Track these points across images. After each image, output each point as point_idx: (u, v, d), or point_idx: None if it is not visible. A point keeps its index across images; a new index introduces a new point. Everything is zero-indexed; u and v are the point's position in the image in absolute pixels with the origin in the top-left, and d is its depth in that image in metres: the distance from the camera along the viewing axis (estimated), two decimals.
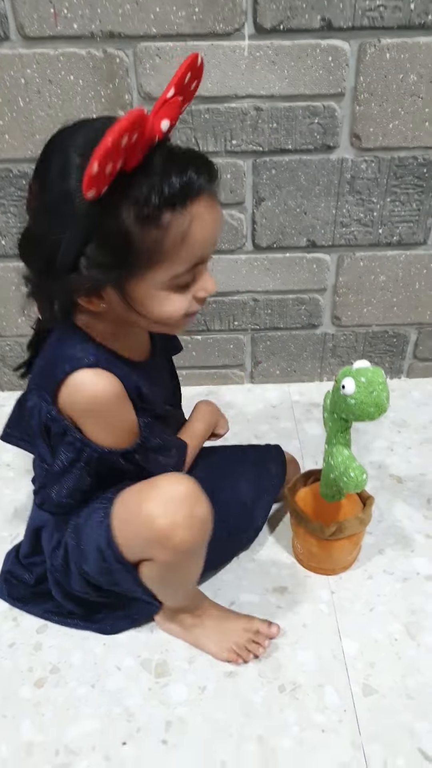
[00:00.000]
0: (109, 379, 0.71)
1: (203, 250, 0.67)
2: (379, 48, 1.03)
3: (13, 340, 1.32)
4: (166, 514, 0.70)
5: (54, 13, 0.99)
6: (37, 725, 0.81)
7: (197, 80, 0.69)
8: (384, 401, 0.76)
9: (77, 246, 0.63)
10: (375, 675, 0.84)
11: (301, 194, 1.15)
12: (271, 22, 1.01)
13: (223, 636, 0.86)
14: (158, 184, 0.61)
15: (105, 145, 0.54)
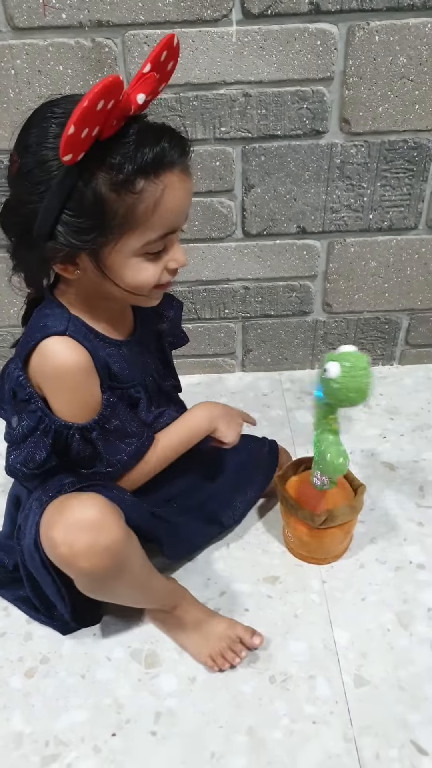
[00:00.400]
0: (76, 350, 0.71)
1: (175, 218, 0.67)
2: (368, 31, 0.97)
3: (6, 331, 1.28)
4: (65, 542, 0.67)
5: (43, 3, 0.95)
6: (27, 716, 0.78)
7: (173, 61, 0.68)
8: (365, 387, 0.73)
9: (54, 213, 0.63)
10: (367, 666, 0.80)
11: (290, 180, 1.11)
12: (258, 7, 0.96)
13: (202, 639, 0.82)
14: (132, 153, 0.61)
15: (81, 107, 0.55)
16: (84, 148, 0.59)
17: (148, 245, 0.66)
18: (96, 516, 0.68)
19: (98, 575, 0.69)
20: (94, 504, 0.69)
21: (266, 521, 1.01)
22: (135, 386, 0.80)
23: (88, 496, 0.71)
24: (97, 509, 0.69)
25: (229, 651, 0.80)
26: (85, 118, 0.55)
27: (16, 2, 0.95)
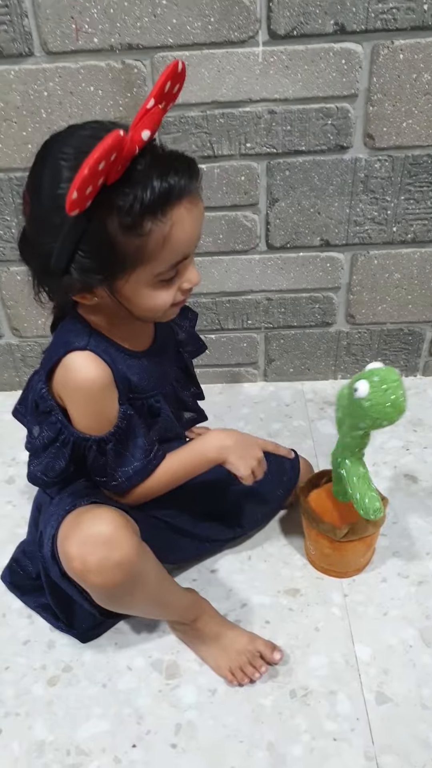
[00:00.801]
0: (97, 365, 0.71)
1: (185, 249, 0.66)
2: (392, 49, 0.95)
3: (34, 341, 1.28)
4: (79, 557, 0.66)
5: (75, 28, 0.95)
6: (50, 724, 0.76)
7: (179, 84, 0.66)
8: (400, 399, 0.69)
9: (67, 254, 0.63)
10: (389, 682, 0.77)
11: (314, 194, 1.08)
12: (284, 29, 0.94)
13: (222, 653, 0.79)
14: (139, 193, 0.60)
15: (81, 175, 0.54)
16: (91, 199, 0.58)
17: (160, 275, 0.66)
18: (109, 531, 0.67)
19: (111, 590, 0.68)
20: (108, 519, 0.68)
21: (288, 533, 0.98)
22: (155, 396, 0.79)
23: (102, 510, 0.70)
24: (110, 524, 0.68)
25: (249, 666, 0.78)
26: (87, 181, 0.55)
27: (50, 28, 0.95)
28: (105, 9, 0.94)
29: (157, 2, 0.93)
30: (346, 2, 0.92)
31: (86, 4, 0.93)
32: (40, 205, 0.63)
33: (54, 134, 0.65)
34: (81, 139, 0.62)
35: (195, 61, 0.97)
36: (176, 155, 0.64)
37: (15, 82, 1.00)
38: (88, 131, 0.62)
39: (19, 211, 1.11)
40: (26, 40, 0.96)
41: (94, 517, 0.69)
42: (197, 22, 0.94)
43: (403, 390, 0.69)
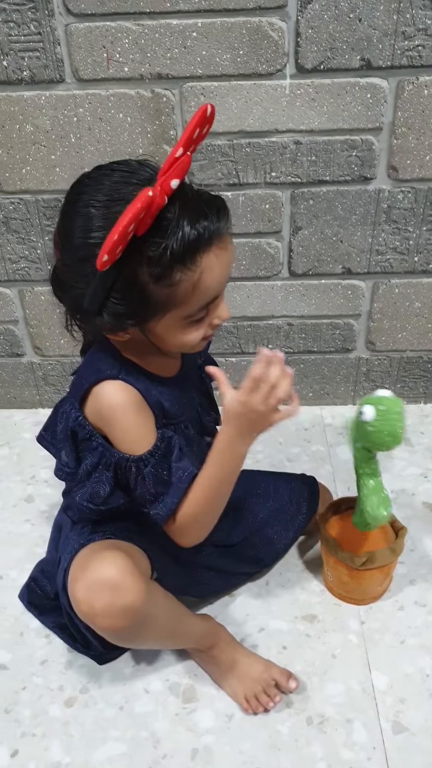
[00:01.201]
0: (128, 390, 0.72)
1: (214, 293, 0.67)
2: (417, 85, 0.99)
3: (56, 360, 1.31)
4: (86, 601, 0.68)
5: (107, 57, 0.99)
6: (66, 746, 0.78)
7: (208, 126, 0.67)
8: (399, 431, 0.73)
9: (99, 300, 0.65)
10: (405, 712, 0.78)
11: (337, 223, 1.12)
12: (312, 63, 0.98)
13: (237, 680, 0.81)
14: (169, 243, 0.61)
15: (112, 239, 0.56)
16: (122, 251, 0.59)
17: (191, 317, 0.67)
18: (115, 576, 0.68)
19: (119, 633, 0.70)
20: (115, 563, 0.69)
21: (306, 559, 1.00)
22: (185, 421, 0.81)
23: (111, 553, 0.71)
24: (117, 569, 0.68)
25: (264, 694, 0.79)
26: (117, 245, 0.57)
27: (81, 56, 0.99)
28: (136, 40, 0.98)
29: (187, 34, 0.97)
30: (372, 39, 0.96)
31: (118, 34, 0.98)
32: (71, 252, 0.65)
33: (82, 176, 0.66)
34: (111, 185, 0.63)
35: (223, 91, 1.01)
36: (205, 198, 0.64)
37: (45, 107, 1.04)
38: (117, 176, 0.64)
39: (45, 233, 1.15)
40: (58, 67, 1.01)
41: (102, 560, 0.70)
42: (226, 54, 0.99)
43: (403, 423, 0.73)
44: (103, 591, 0.67)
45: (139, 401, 0.73)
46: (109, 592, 0.67)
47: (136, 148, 1.06)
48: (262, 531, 0.94)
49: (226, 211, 0.65)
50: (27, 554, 1.01)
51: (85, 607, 0.68)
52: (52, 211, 1.13)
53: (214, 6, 0.95)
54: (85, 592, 0.68)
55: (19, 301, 1.23)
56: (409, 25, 0.95)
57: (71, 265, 0.66)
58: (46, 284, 1.21)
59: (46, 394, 1.35)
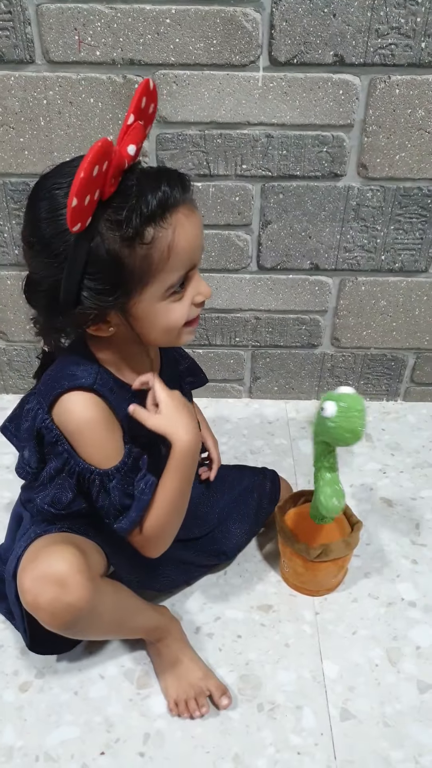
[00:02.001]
0: (98, 407, 0.72)
1: (190, 255, 0.68)
2: (389, 84, 1.01)
3: (21, 345, 1.31)
4: (31, 592, 0.68)
5: (78, 40, 0.99)
6: (19, 730, 0.79)
7: (153, 104, 0.70)
8: (359, 429, 0.75)
9: (75, 279, 0.64)
10: (353, 700, 0.82)
11: (306, 219, 1.14)
12: (285, 56, 0.99)
13: (174, 679, 0.82)
14: (135, 205, 0.63)
15: (78, 179, 0.57)
16: (90, 214, 0.61)
17: (171, 288, 0.68)
18: (63, 572, 0.68)
19: (61, 628, 0.71)
20: (64, 559, 0.69)
21: (264, 551, 1.03)
22: (154, 437, 0.78)
23: (62, 549, 0.71)
24: (66, 565, 0.69)
25: (193, 701, 0.80)
26: (84, 187, 0.58)
27: (52, 38, 0.99)
28: (109, 23, 0.98)
29: (160, 21, 0.98)
30: (346, 35, 0.98)
31: (90, 17, 0.98)
32: (41, 238, 0.65)
33: (42, 175, 0.68)
34: (71, 169, 0.63)
35: (195, 80, 1.02)
36: (165, 170, 0.67)
37: (14, 88, 1.04)
38: (76, 162, 0.63)
39: (12, 216, 1.15)
40: (28, 48, 1.00)
41: (52, 554, 0.70)
42: (200, 43, 1.00)
43: (364, 421, 0.76)
44: (49, 585, 0.68)
45: (109, 417, 0.73)
46: (54, 587, 0.68)
47: (106, 134, 1.07)
48: (224, 524, 0.96)
49: (188, 182, 0.68)
50: None
51: (29, 597, 0.68)
52: (19, 195, 1.13)
53: None
54: (31, 583, 0.68)
55: None
56: (382, 23, 0.97)
57: (42, 251, 0.65)
58: (12, 269, 1.21)
59: (10, 380, 1.35)
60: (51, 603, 0.68)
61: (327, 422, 0.77)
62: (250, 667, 0.85)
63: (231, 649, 0.88)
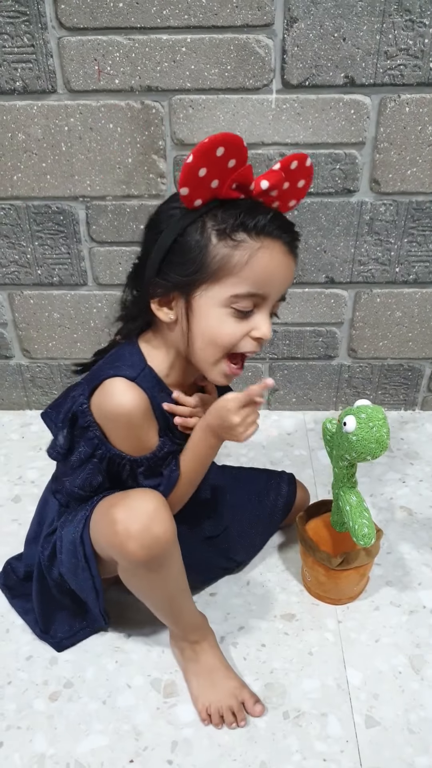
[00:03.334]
0: (139, 396, 0.74)
1: (266, 280, 0.71)
2: (399, 102, 1.04)
3: (44, 362, 1.34)
4: (124, 521, 0.71)
5: (98, 70, 1.03)
6: (50, 738, 0.81)
7: (305, 180, 0.75)
8: (384, 436, 0.76)
9: (164, 249, 0.71)
10: (378, 707, 0.82)
11: (321, 234, 1.16)
12: (297, 79, 1.03)
13: (210, 688, 0.82)
14: (242, 215, 0.69)
15: (201, 143, 0.63)
16: (201, 194, 0.67)
17: (236, 299, 0.71)
18: (154, 507, 0.72)
19: (141, 561, 0.73)
20: (155, 497, 0.74)
21: (286, 560, 1.04)
22: (181, 443, 0.83)
23: (149, 490, 0.76)
24: (156, 502, 0.73)
25: (230, 713, 0.81)
26: (203, 155, 0.64)
27: (73, 68, 1.04)
28: (127, 53, 1.02)
29: (177, 49, 1.02)
30: (356, 57, 1.01)
31: (109, 47, 1.02)
32: (154, 217, 0.74)
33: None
34: None
35: (211, 104, 1.06)
36: (286, 218, 0.73)
37: (37, 116, 1.08)
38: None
39: (35, 238, 1.19)
40: (50, 78, 1.05)
41: (143, 492, 0.75)
42: (214, 69, 1.03)
43: (387, 428, 0.76)
44: (143, 516, 0.71)
45: (144, 406, 0.75)
46: (148, 518, 0.71)
47: (125, 158, 1.11)
48: (239, 524, 0.98)
49: (297, 236, 0.74)
50: (13, 553, 1.04)
51: (120, 527, 0.71)
52: (42, 217, 1.17)
53: (203, 23, 0.99)
54: (125, 514, 0.72)
55: (9, 305, 1.27)
56: (391, 45, 1.00)
57: (148, 228, 0.74)
58: (35, 288, 1.25)
59: (33, 396, 1.39)
60: (143, 531, 0.71)
61: (350, 437, 0.77)
62: (275, 676, 0.87)
63: (255, 657, 0.89)
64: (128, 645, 0.91)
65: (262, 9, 0.98)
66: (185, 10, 0.99)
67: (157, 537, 0.72)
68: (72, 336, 1.29)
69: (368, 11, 0.97)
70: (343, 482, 0.85)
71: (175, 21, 0.99)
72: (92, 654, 0.90)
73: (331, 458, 0.88)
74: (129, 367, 0.75)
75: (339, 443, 0.82)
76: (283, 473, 1.06)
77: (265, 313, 0.73)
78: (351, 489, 0.86)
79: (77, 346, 1.31)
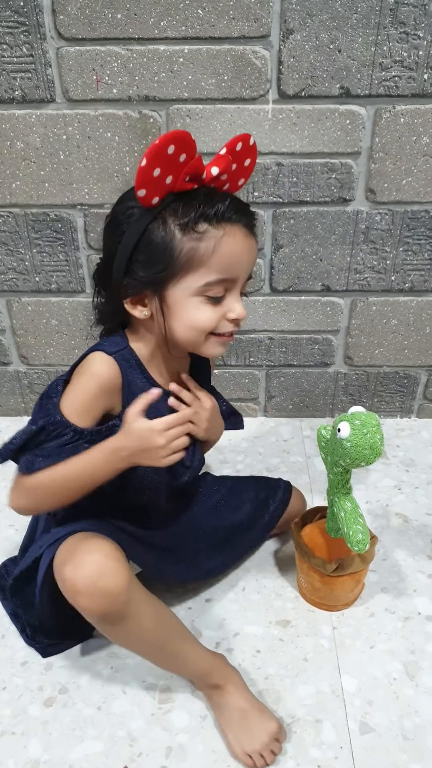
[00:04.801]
0: (112, 368, 0.77)
1: (234, 264, 0.73)
2: (394, 113, 1.05)
3: (41, 369, 1.35)
4: (71, 578, 0.71)
5: (96, 79, 1.04)
6: (44, 744, 0.81)
7: (251, 159, 0.77)
8: (378, 442, 0.77)
9: (129, 249, 0.72)
10: (372, 713, 0.83)
11: (317, 242, 1.17)
12: (293, 89, 1.04)
13: (246, 733, 0.78)
14: (200, 203, 0.70)
15: (152, 145, 0.64)
16: (157, 192, 0.68)
17: (208, 287, 0.72)
18: (101, 560, 0.71)
19: (99, 616, 0.72)
20: (104, 547, 0.73)
21: (282, 566, 1.04)
22: None
23: (98, 540, 0.74)
24: (103, 554, 0.72)
25: (269, 752, 0.77)
26: (155, 155, 0.64)
27: (71, 78, 1.05)
28: (125, 63, 1.04)
29: (174, 60, 1.03)
30: (351, 69, 1.02)
31: (107, 58, 1.03)
32: (112, 215, 0.75)
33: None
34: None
35: (208, 114, 1.07)
36: (238, 198, 0.74)
37: (36, 125, 1.09)
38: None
39: (33, 245, 1.20)
40: (48, 88, 1.06)
41: (89, 545, 0.73)
42: (211, 79, 1.04)
43: (381, 435, 0.77)
44: (90, 571, 0.70)
45: (113, 382, 0.77)
46: (95, 572, 0.70)
47: (123, 166, 1.12)
48: (231, 524, 0.99)
49: (253, 215, 0.75)
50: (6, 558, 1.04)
51: (69, 585, 0.71)
52: (40, 225, 1.18)
53: (200, 34, 1.01)
54: (72, 570, 0.71)
55: (7, 311, 1.27)
56: (386, 57, 1.01)
57: (109, 227, 0.75)
58: (33, 295, 1.26)
59: (31, 402, 1.39)
60: (90, 587, 0.70)
61: (344, 443, 0.78)
62: (270, 682, 0.87)
63: (250, 663, 0.89)
64: (123, 651, 0.91)
65: (259, 21, 0.99)
66: (183, 22, 1.00)
67: (104, 591, 0.70)
68: (70, 343, 1.30)
69: (363, 23, 0.99)
70: (338, 488, 0.86)
71: (172, 32, 1.01)
72: (87, 660, 0.90)
73: (326, 464, 0.88)
74: (111, 344, 0.78)
75: (333, 449, 0.82)
76: (280, 480, 1.07)
77: (236, 294, 0.76)
78: (346, 495, 0.87)
79: (75, 353, 1.31)
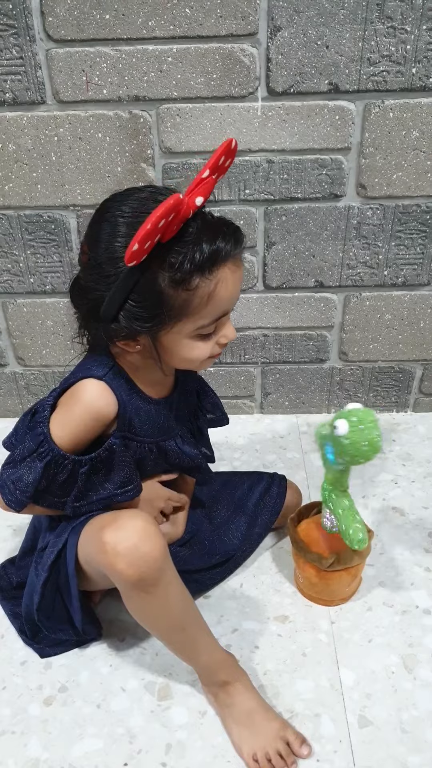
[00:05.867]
0: (106, 396, 0.77)
1: (226, 306, 0.73)
2: (383, 108, 1.05)
3: (38, 370, 1.35)
4: (112, 541, 0.72)
5: (86, 81, 1.04)
6: (44, 742, 0.81)
7: (231, 159, 0.74)
8: (375, 438, 0.76)
9: (118, 302, 0.70)
10: (371, 707, 0.82)
11: (309, 239, 1.17)
12: (282, 86, 1.04)
13: (252, 735, 0.77)
14: (190, 253, 0.67)
15: (144, 229, 0.61)
16: (147, 253, 0.64)
17: (201, 329, 0.72)
18: (142, 526, 0.72)
19: (132, 581, 0.72)
20: (143, 516, 0.74)
21: (279, 562, 1.04)
22: (150, 443, 0.84)
23: (135, 511, 0.77)
24: (144, 521, 0.73)
25: (279, 758, 0.76)
26: (148, 237, 0.62)
27: (62, 80, 1.05)
28: (114, 64, 1.04)
29: (163, 59, 1.03)
30: (339, 65, 1.02)
31: (97, 59, 1.03)
32: (96, 256, 0.70)
33: (113, 194, 0.72)
34: (139, 200, 0.69)
35: (198, 113, 1.07)
36: (224, 222, 0.71)
37: (27, 127, 1.09)
38: (145, 194, 0.70)
39: (27, 247, 1.20)
40: (39, 90, 1.06)
41: (131, 512, 0.76)
42: (200, 78, 1.04)
43: (378, 431, 0.77)
44: (131, 535, 0.71)
45: (107, 412, 0.77)
46: (136, 537, 0.71)
47: (114, 167, 1.12)
48: (227, 525, 0.99)
49: (242, 237, 0.72)
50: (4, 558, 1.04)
51: (109, 547, 0.71)
52: (33, 226, 1.18)
53: (188, 33, 1.00)
54: (113, 534, 0.72)
55: (2, 313, 1.27)
56: (374, 52, 1.01)
57: (95, 268, 0.70)
58: (28, 296, 1.25)
59: (28, 404, 1.39)
60: (131, 550, 0.71)
61: (341, 440, 0.78)
62: (269, 677, 0.87)
63: (249, 659, 0.89)
64: (122, 648, 0.91)
65: (246, 19, 0.99)
66: (171, 21, 1.00)
67: (144, 554, 0.71)
68: (65, 343, 1.30)
69: (350, 19, 0.98)
70: (336, 486, 0.86)
71: (160, 32, 1.01)
72: (86, 658, 0.90)
73: (324, 462, 0.88)
74: (99, 366, 0.77)
75: (333, 446, 0.82)
76: (274, 474, 1.06)
77: (227, 322, 0.76)
78: (343, 492, 0.86)
79: (71, 353, 1.31)
